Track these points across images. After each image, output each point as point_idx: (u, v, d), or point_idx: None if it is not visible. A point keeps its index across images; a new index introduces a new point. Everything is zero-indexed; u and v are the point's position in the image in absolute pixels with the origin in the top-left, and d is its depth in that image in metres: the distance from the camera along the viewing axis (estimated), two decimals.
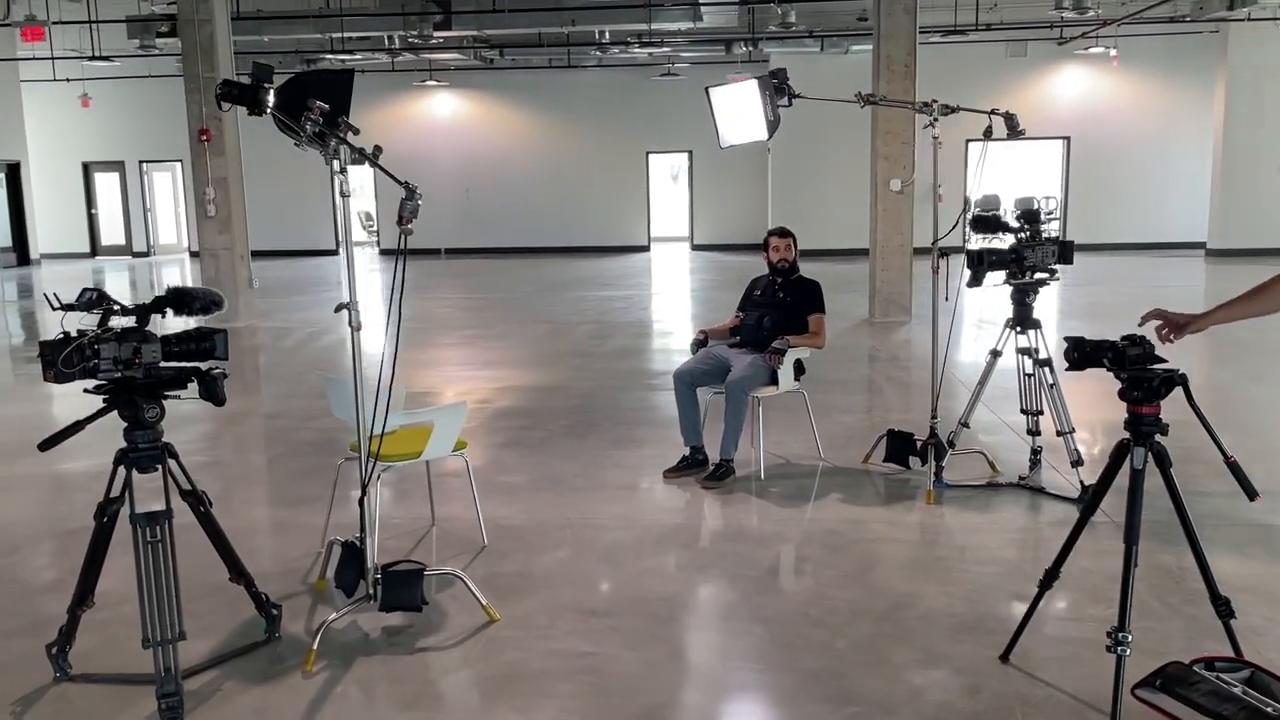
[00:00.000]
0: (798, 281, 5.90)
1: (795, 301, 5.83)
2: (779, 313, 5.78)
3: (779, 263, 5.89)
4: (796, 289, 5.87)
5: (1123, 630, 2.86)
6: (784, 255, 5.90)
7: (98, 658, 3.63)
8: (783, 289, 5.88)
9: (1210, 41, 18.20)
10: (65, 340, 3.08)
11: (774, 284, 5.91)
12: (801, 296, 5.86)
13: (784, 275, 5.89)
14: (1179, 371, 2.92)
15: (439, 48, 19.07)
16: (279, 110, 3.79)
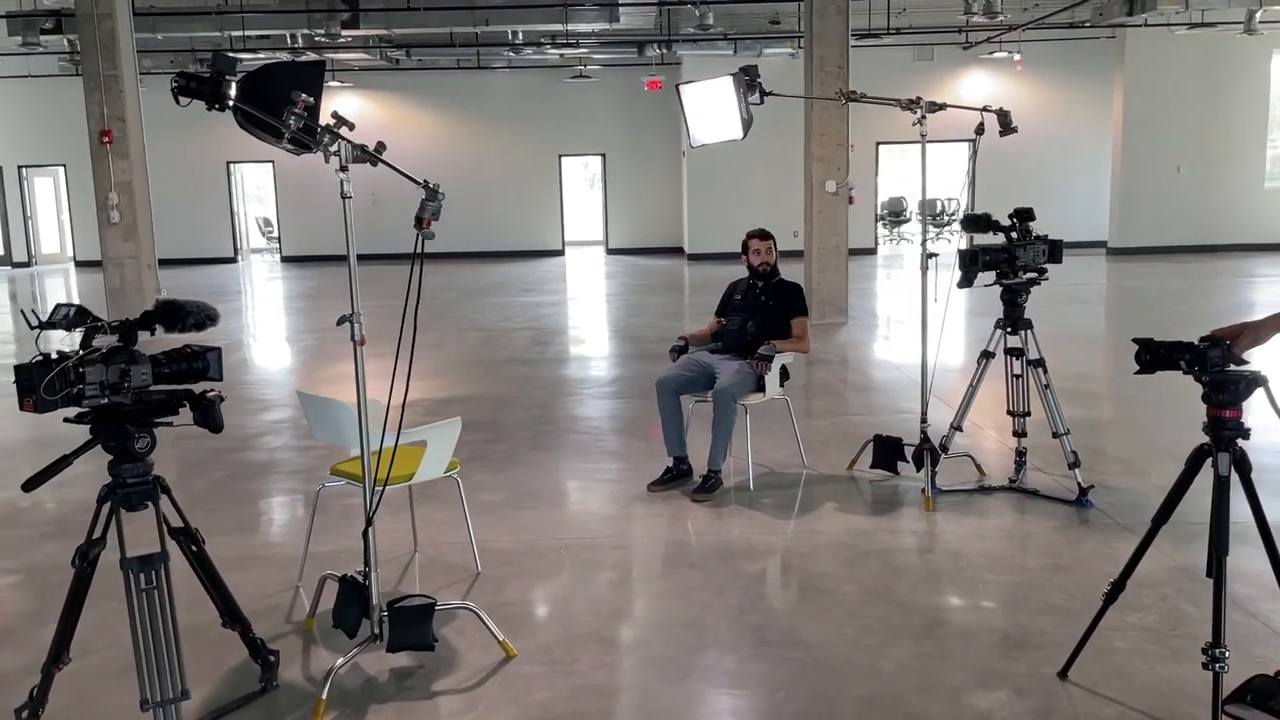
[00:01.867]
0: (779, 284, 5.72)
1: (777, 305, 5.66)
2: (761, 317, 5.60)
3: (760, 266, 5.70)
4: (778, 292, 5.70)
5: (1218, 646, 2.73)
6: (765, 258, 5.70)
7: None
8: (764, 292, 5.69)
9: (1108, 47, 18.79)
10: (46, 363, 2.69)
11: (754, 287, 5.73)
12: (783, 300, 5.69)
13: (765, 279, 5.71)
14: (1260, 373, 2.81)
15: (344, 47, 18.43)
16: (245, 103, 3.44)
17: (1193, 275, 15.21)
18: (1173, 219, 18.40)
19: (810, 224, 11.08)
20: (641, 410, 7.46)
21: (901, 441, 5.49)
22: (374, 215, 22.18)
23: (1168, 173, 18.42)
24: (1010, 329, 5.17)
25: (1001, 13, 16.05)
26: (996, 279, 5.17)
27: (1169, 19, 16.70)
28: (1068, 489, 5.14)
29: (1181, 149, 18.36)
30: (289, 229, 22.09)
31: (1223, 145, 18.42)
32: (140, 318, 2.90)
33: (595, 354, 10.21)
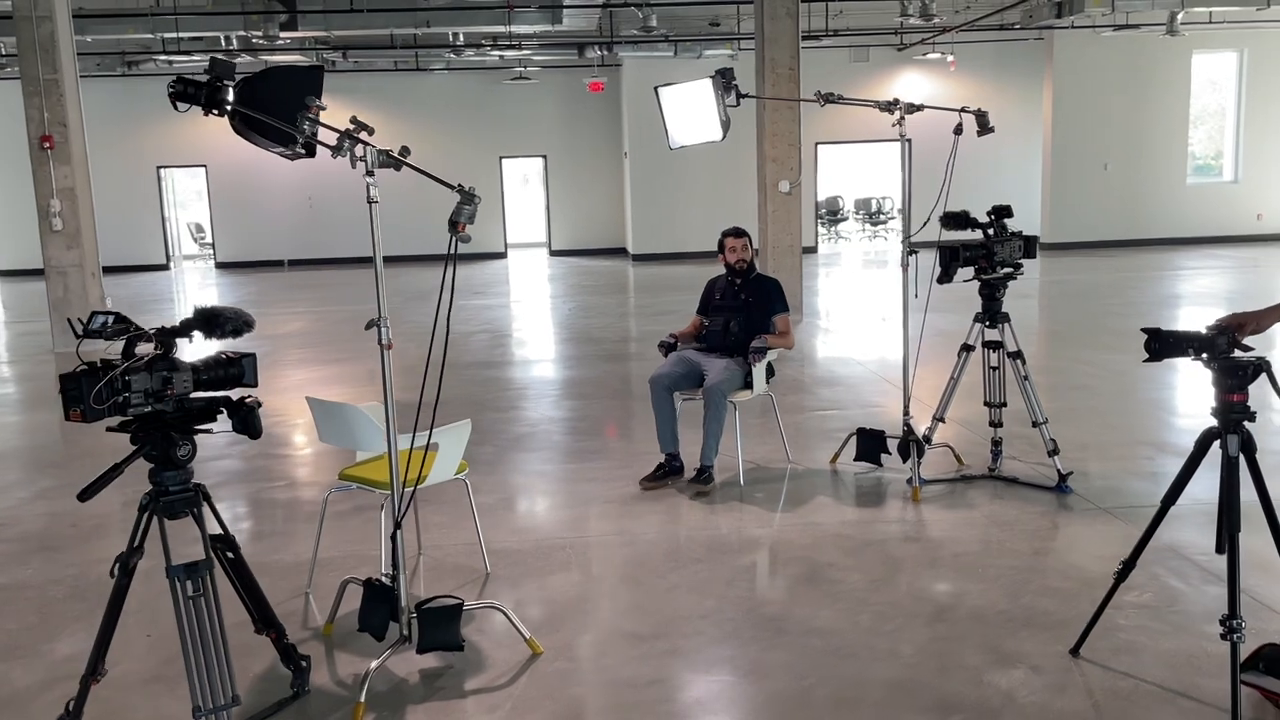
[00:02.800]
0: (757, 281, 5.82)
1: (758, 302, 5.76)
2: (743, 315, 5.70)
3: (737, 264, 5.77)
4: (757, 289, 5.79)
5: (1235, 618, 2.89)
6: (741, 256, 5.78)
7: None
8: (743, 290, 5.78)
9: (1037, 48, 19.35)
10: (92, 372, 2.67)
11: (733, 285, 5.81)
12: (763, 296, 5.78)
13: (743, 276, 5.79)
14: (1265, 359, 2.98)
15: (279, 49, 18.15)
16: (246, 108, 3.44)
17: (1122, 269, 15.73)
18: (1101, 215, 19.01)
19: (764, 224, 11.24)
20: (614, 410, 7.53)
21: (884, 434, 5.64)
22: (310, 218, 21.92)
23: (1095, 170, 19.03)
24: (989, 322, 5.34)
25: (936, 15, 16.46)
26: (975, 274, 5.34)
27: (1095, 21, 17.27)
28: (1045, 476, 5.33)
29: (1108, 147, 18.98)
30: (224, 234, 21.68)
31: (1147, 143, 19.08)
32: (180, 325, 2.89)
33: (557, 355, 10.24)
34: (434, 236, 22.34)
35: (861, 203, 23.68)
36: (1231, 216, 19.42)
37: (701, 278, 6.16)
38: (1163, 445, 6.12)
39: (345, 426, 4.07)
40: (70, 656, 3.73)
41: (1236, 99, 19.55)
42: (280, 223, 21.78)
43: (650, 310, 12.71)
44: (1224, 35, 18.35)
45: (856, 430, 5.74)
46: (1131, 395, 7.69)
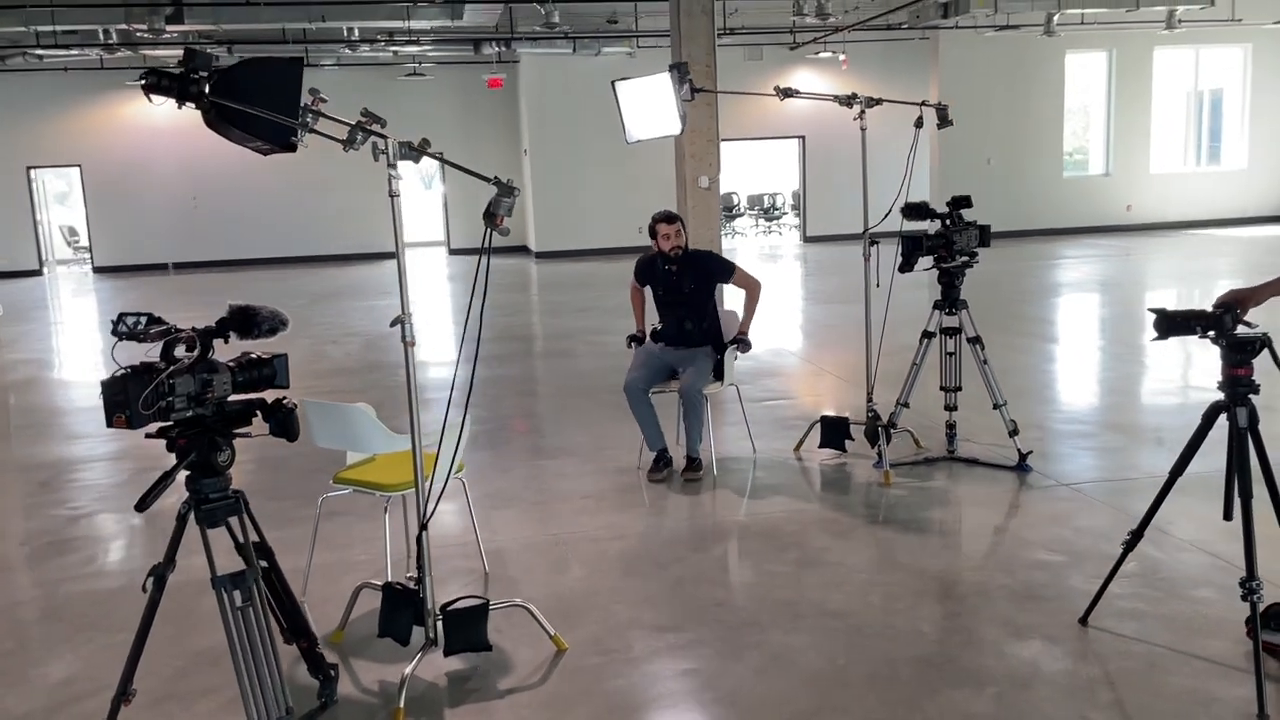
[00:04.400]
0: (691, 261, 5.64)
1: (701, 285, 5.63)
2: (690, 308, 5.60)
3: (671, 250, 5.56)
4: (694, 272, 5.62)
5: (1253, 579, 3.07)
6: (675, 242, 5.56)
7: None
8: (681, 277, 5.60)
9: (923, 47, 19.99)
10: (136, 376, 2.55)
11: (671, 274, 5.62)
12: (704, 276, 5.66)
13: (679, 261, 5.59)
14: (1266, 334, 3.17)
15: (162, 43, 17.41)
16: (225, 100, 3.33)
17: (1010, 259, 16.39)
18: (985, 207, 19.51)
19: (684, 219, 11.31)
20: (566, 407, 7.48)
21: (848, 421, 5.77)
22: (195, 220, 21.10)
23: (979, 164, 19.78)
24: (948, 309, 5.52)
25: (832, 15, 16.86)
26: (935, 263, 5.50)
27: (978, 21, 17.95)
28: (1004, 456, 5.53)
29: (991, 142, 19.74)
30: (102, 237, 20.68)
31: (1026, 139, 19.93)
32: (216, 325, 2.77)
33: (487, 354, 10.10)
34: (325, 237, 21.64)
35: (755, 199, 24.08)
36: (1104, 208, 20.46)
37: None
38: (1107, 424, 6.43)
39: (345, 427, 3.95)
40: (66, 680, 3.54)
41: (1106, 97, 20.59)
42: (163, 224, 20.89)
43: (570, 307, 12.66)
44: (1095, 36, 19.30)
45: (820, 418, 5.85)
46: (1066, 378, 8.05)
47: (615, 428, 6.54)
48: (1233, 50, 20.39)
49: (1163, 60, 20.31)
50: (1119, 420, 6.58)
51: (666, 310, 5.73)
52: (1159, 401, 7.13)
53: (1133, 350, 9.10)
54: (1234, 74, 20.77)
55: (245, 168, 20.91)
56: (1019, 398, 6.99)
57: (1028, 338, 9.34)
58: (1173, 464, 3.38)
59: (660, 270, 5.67)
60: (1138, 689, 3.18)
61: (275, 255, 21.09)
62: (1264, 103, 20.48)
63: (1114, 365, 8.52)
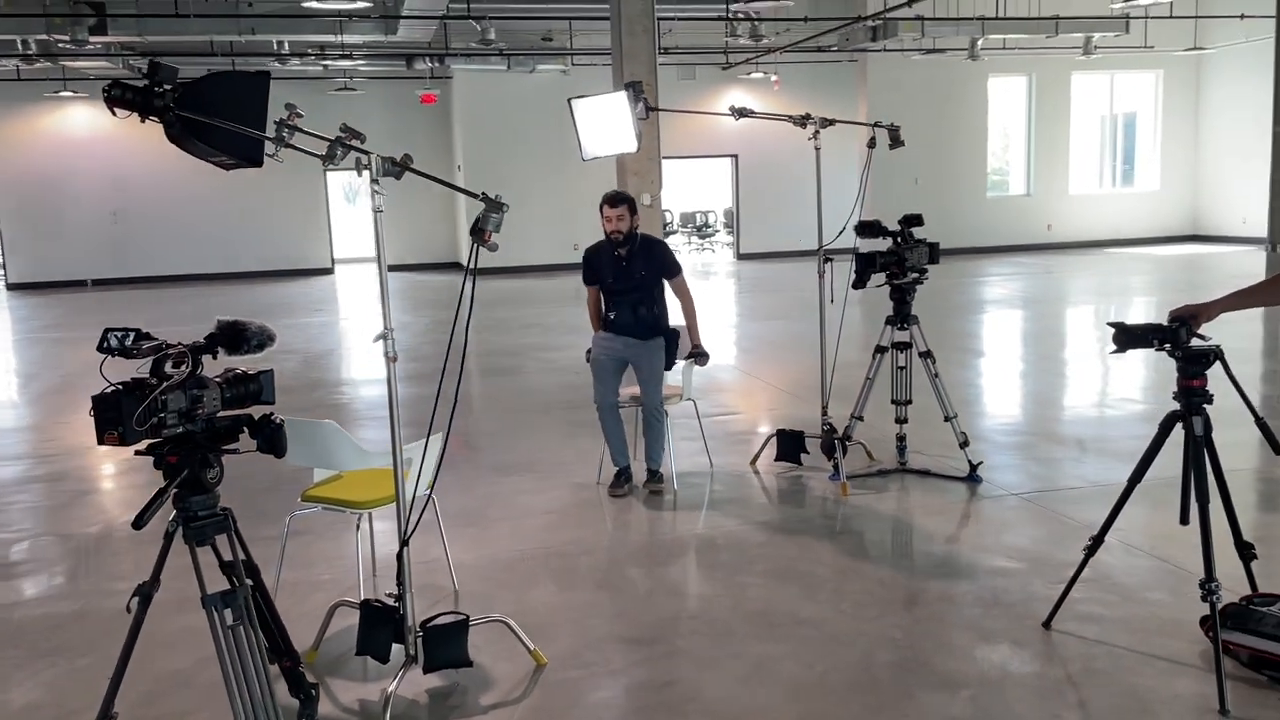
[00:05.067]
0: (645, 248, 5.58)
1: (652, 271, 5.56)
2: (642, 293, 5.50)
3: (613, 235, 5.46)
4: (647, 258, 5.56)
5: (1212, 580, 3.22)
6: (617, 226, 5.46)
7: None
8: (631, 263, 5.50)
9: (852, 70, 20.42)
10: (129, 393, 2.50)
11: (619, 259, 5.50)
12: (656, 264, 5.59)
13: (627, 246, 5.50)
14: (1219, 347, 3.34)
15: (84, 55, 16.99)
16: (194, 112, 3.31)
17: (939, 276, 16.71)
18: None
19: None
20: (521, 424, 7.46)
21: (804, 434, 5.87)
22: (115, 236, 20.57)
23: (907, 184, 20.23)
24: (900, 324, 5.66)
25: (764, 36, 17.16)
26: (887, 279, 5.64)
27: (905, 45, 18.42)
28: (953, 467, 5.69)
29: (918, 163, 20.20)
30: (15, 254, 20.06)
31: (952, 159, 20.47)
32: (205, 341, 2.74)
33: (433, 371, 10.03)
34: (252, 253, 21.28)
35: (688, 216, 24.30)
36: (1025, 227, 21.11)
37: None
38: (1045, 435, 6.64)
39: (318, 445, 3.92)
40: (29, 706, 3.44)
41: (1027, 119, 21.26)
42: (81, 241, 20.35)
43: (513, 324, 12.61)
44: (1016, 60, 19.93)
45: (776, 431, 5.94)
46: (1000, 391, 8.29)
47: (572, 443, 6.57)
48: (1145, 76, 21.23)
49: (1080, 85, 21.06)
50: (1056, 431, 6.79)
51: (619, 298, 5.53)
52: (1090, 413, 7.38)
53: (1058, 364, 9.42)
54: (1146, 99, 21.62)
55: (168, 183, 20.49)
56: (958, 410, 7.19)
57: (959, 352, 9.59)
58: (1131, 472, 3.52)
59: (609, 256, 5.52)
60: (1104, 688, 3.30)
61: (199, 272, 20.67)
62: (1174, 127, 21.36)
63: (1044, 378, 8.80)
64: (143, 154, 20.43)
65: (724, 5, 15.73)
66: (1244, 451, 5.67)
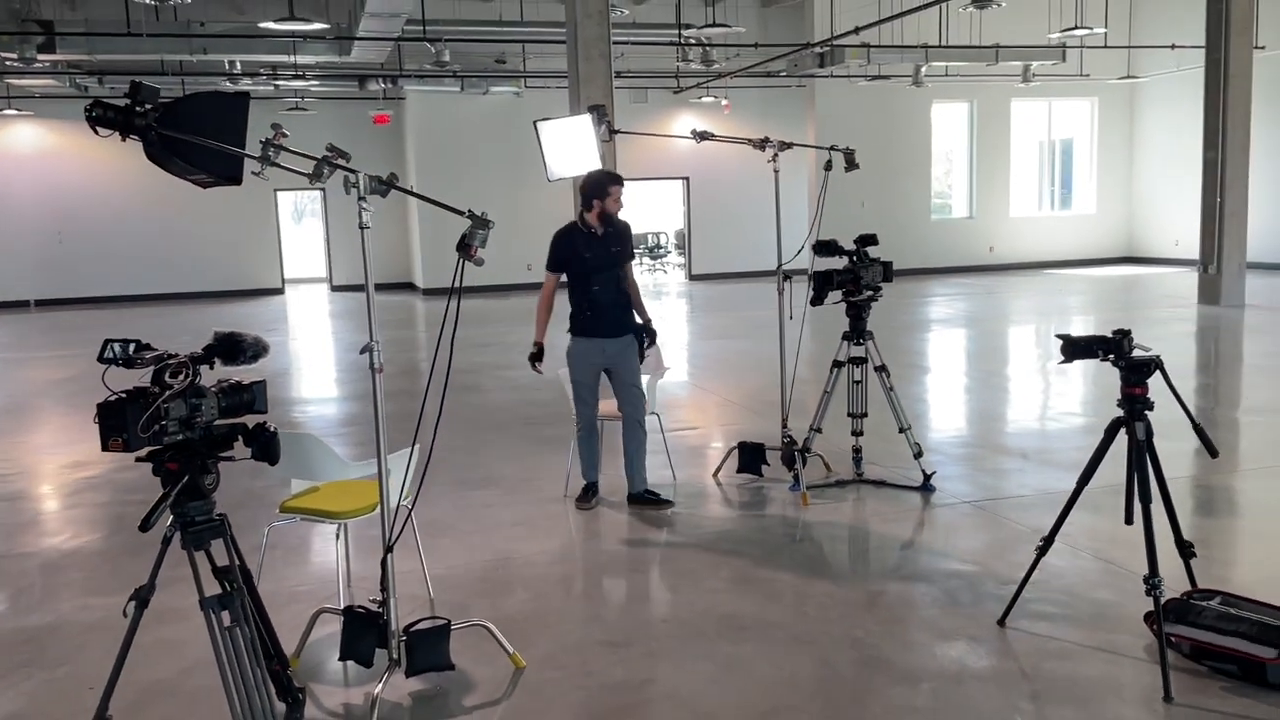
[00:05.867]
0: (619, 228, 5.56)
1: (624, 250, 5.58)
2: (616, 272, 5.50)
3: (616, 213, 5.50)
4: (619, 236, 5.54)
5: (1155, 576, 3.43)
6: (621, 205, 5.50)
7: None
8: (608, 240, 5.48)
9: (800, 95, 20.82)
10: (134, 401, 2.60)
11: (600, 238, 5.46)
12: (626, 242, 5.59)
13: (612, 225, 5.52)
14: (1159, 356, 3.57)
15: (31, 72, 16.82)
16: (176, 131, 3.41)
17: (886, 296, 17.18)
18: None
19: None
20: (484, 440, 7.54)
21: (764, 446, 6.05)
22: (59, 256, 20.28)
23: (854, 207, 20.62)
24: (856, 340, 5.87)
25: (717, 61, 17.48)
26: (843, 297, 5.85)
27: (851, 71, 18.86)
28: (906, 477, 5.89)
29: (863, 186, 20.60)
30: None
31: (896, 183, 20.92)
32: (204, 351, 2.84)
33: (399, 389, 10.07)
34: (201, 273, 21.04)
35: (639, 237, 24.53)
36: (968, 249, 21.64)
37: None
38: (992, 446, 6.90)
39: (299, 456, 4.00)
40: (13, 715, 3.49)
41: (969, 144, 21.83)
42: (24, 260, 20.04)
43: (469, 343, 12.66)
44: (958, 87, 20.49)
45: (738, 444, 6.11)
46: (947, 405, 8.55)
47: (535, 459, 6.69)
48: (1082, 103, 21.92)
49: (1019, 111, 21.68)
50: (1002, 443, 7.05)
51: (597, 275, 5.42)
52: (1034, 426, 7.66)
53: (1003, 380, 9.73)
54: (1083, 125, 22.32)
55: (115, 202, 20.29)
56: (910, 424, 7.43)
57: (908, 369, 9.86)
58: (1079, 476, 3.73)
59: (584, 236, 5.46)
60: (1055, 681, 3.50)
61: (147, 292, 20.46)
62: (1109, 152, 22.07)
63: (989, 393, 9.10)
64: (89, 173, 20.22)
65: (676, 30, 16.02)
66: (1184, 460, 5.96)
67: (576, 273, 5.48)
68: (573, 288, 5.51)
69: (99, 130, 3.27)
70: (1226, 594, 3.67)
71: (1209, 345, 11.55)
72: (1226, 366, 10.37)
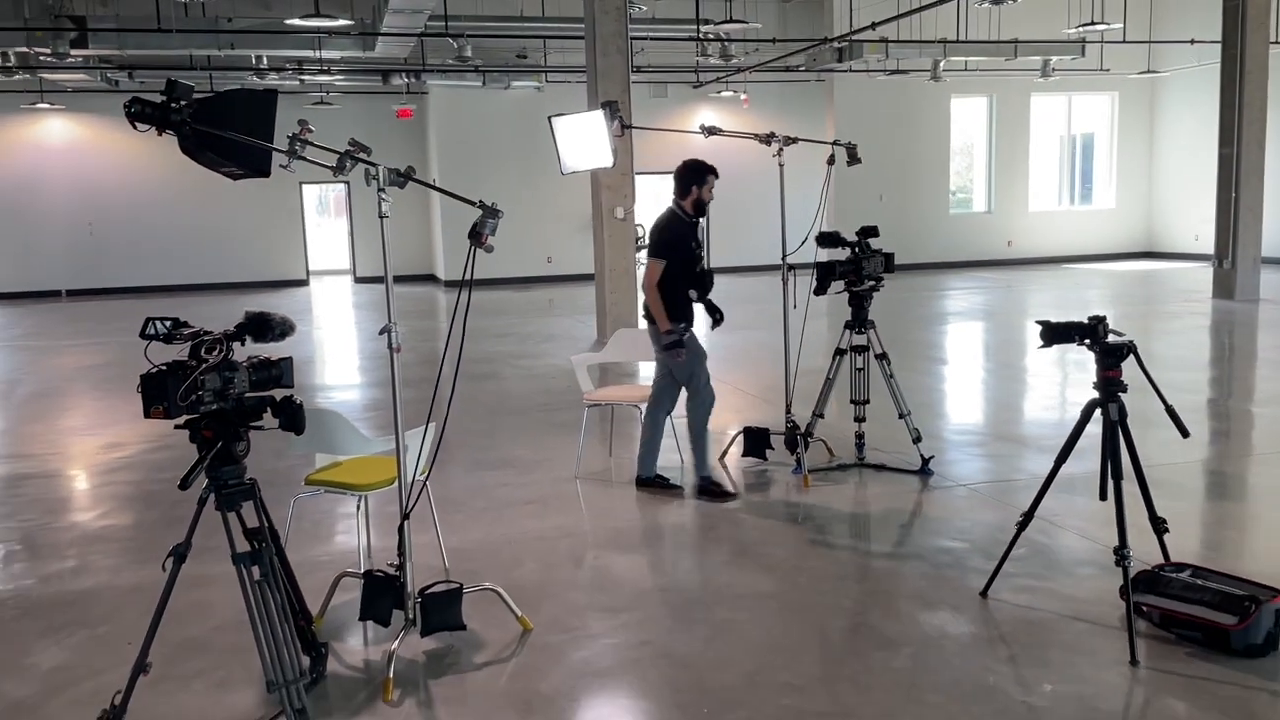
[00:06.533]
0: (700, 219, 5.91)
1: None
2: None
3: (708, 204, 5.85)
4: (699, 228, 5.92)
5: (1125, 547, 3.63)
6: (712, 197, 5.86)
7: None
8: (696, 228, 5.84)
9: (819, 89, 20.97)
10: (174, 373, 2.86)
11: (694, 225, 5.81)
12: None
13: (703, 214, 5.87)
14: (1132, 341, 3.77)
15: (64, 67, 17.21)
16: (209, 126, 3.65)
17: (903, 290, 17.31)
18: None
19: (600, 248, 11.81)
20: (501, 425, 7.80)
21: (769, 431, 6.27)
22: (90, 247, 20.71)
23: (872, 201, 20.78)
24: (858, 329, 6.07)
25: (734, 56, 17.66)
26: (846, 287, 6.06)
27: (870, 66, 19.00)
28: (907, 462, 6.09)
29: (882, 180, 20.78)
30: None
31: (915, 177, 21.04)
32: (235, 329, 3.09)
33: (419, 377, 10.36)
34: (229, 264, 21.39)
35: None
36: (987, 243, 21.71)
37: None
38: (994, 434, 7.09)
39: (324, 432, 4.26)
40: (58, 667, 3.76)
41: (988, 139, 21.90)
42: (56, 252, 20.48)
43: (488, 333, 12.94)
44: (977, 82, 20.57)
45: (744, 429, 6.34)
46: (957, 395, 8.73)
47: (549, 442, 6.95)
48: (1101, 98, 21.94)
49: (1039, 106, 21.72)
50: (1004, 431, 7.24)
51: (695, 275, 5.65)
52: (1036, 415, 7.84)
53: (1015, 371, 9.89)
54: (1103, 120, 22.33)
55: (143, 194, 20.70)
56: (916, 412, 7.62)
57: (922, 360, 10.04)
58: (1056, 455, 3.94)
59: (687, 223, 5.69)
60: (1029, 646, 3.71)
61: (175, 282, 20.86)
62: (1129, 147, 22.07)
63: (998, 384, 9.27)
64: (119, 166, 20.65)
65: (695, 26, 16.20)
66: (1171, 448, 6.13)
67: (685, 259, 5.63)
68: (679, 275, 5.58)
69: (137, 125, 3.51)
70: (1197, 567, 3.87)
71: (1223, 339, 11.66)
72: (1240, 360, 10.49)
